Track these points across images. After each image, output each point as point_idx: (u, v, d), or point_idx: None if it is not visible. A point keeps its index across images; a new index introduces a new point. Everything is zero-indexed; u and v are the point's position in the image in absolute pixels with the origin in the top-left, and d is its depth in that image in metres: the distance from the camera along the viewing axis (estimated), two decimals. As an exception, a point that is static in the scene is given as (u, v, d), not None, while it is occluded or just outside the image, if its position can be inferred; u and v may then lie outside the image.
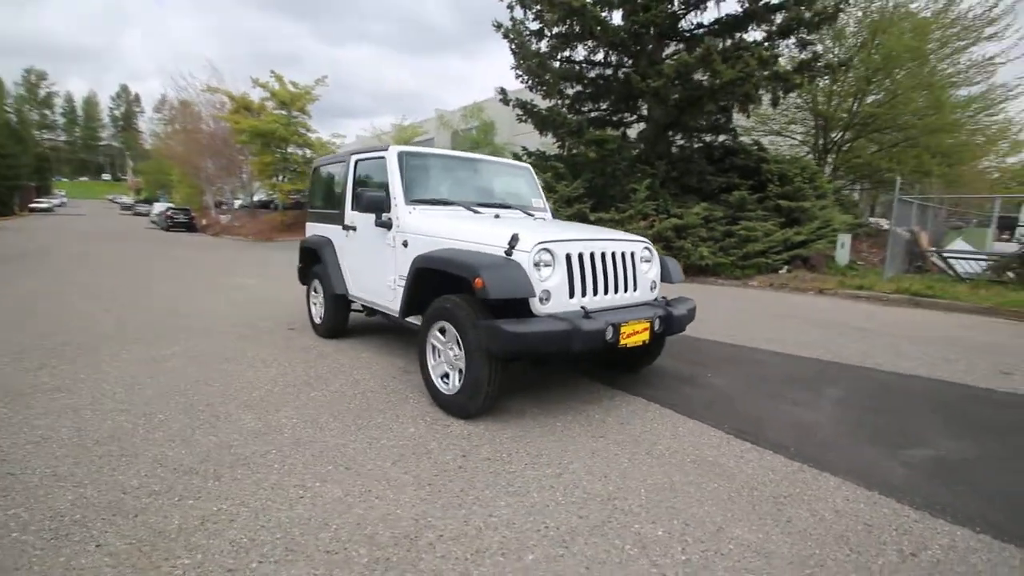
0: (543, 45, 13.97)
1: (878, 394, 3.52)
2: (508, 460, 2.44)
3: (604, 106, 14.79)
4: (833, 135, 16.09)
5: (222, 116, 23.09)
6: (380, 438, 2.65)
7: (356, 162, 4.22)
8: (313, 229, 4.95)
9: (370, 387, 3.43)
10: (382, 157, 3.85)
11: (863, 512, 2.07)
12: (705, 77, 11.71)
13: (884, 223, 15.71)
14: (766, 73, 11.23)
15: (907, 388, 3.68)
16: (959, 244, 11.66)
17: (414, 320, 3.48)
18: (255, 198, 27.20)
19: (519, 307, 2.78)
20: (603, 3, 12.59)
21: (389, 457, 2.44)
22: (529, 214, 4.13)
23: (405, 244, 3.51)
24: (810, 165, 13.04)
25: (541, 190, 4.58)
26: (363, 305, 4.39)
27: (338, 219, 4.41)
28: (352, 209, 4.21)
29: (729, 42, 12.26)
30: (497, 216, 3.67)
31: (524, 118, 15.01)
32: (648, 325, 3.00)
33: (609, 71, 14.31)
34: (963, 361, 4.46)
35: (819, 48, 12.21)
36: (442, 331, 3.01)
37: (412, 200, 3.62)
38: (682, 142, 13.91)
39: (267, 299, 6.87)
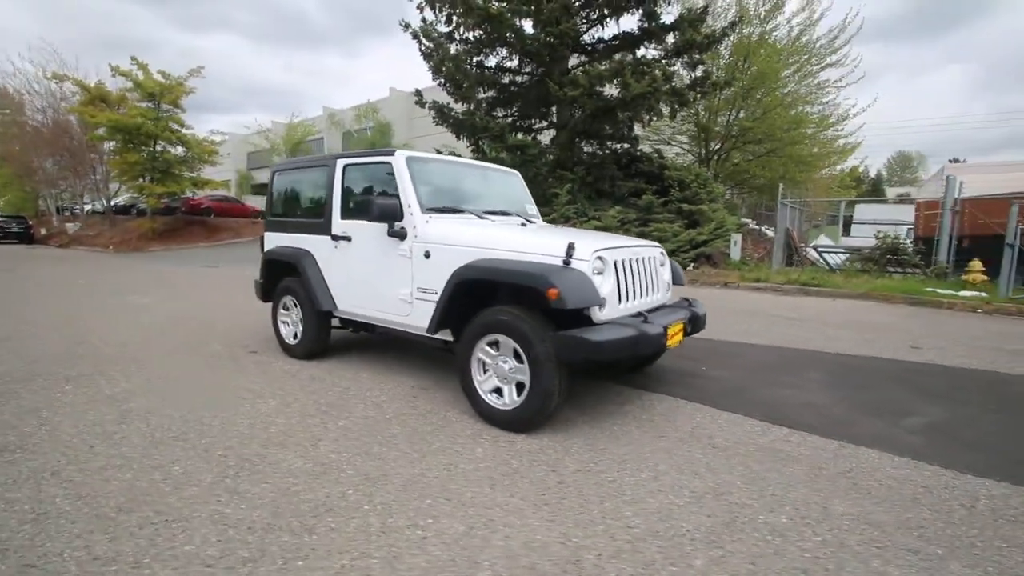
0: (453, 48, 13.91)
1: (846, 374, 4.08)
2: (599, 470, 2.44)
3: (516, 112, 15.13)
4: (713, 145, 18.08)
5: (73, 108, 19.54)
6: (454, 463, 2.50)
7: (344, 167, 3.89)
8: (279, 240, 4.46)
9: (399, 409, 3.19)
10: (386, 163, 3.60)
11: (913, 476, 2.41)
12: (616, 89, 12.54)
13: (751, 224, 18.10)
14: (666, 88, 12.28)
15: (863, 367, 4.31)
16: (823, 239, 13.82)
17: (440, 336, 3.33)
18: (113, 202, 23.41)
19: (571, 317, 2.79)
20: (515, 12, 12.87)
21: (481, 482, 2.32)
22: (530, 220, 4.13)
23: (427, 255, 3.32)
24: (703, 172, 14.51)
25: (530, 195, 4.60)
26: (351, 322, 4.07)
27: (321, 229, 4.03)
28: (342, 218, 3.87)
29: (630, 57, 13.14)
30: (524, 224, 3.63)
31: (439, 121, 14.83)
32: (683, 326, 3.18)
33: (522, 78, 14.70)
34: (880, 341, 5.32)
35: (709, 68, 13.64)
36: (492, 344, 2.92)
37: (427, 208, 3.44)
38: (591, 149, 14.69)
39: (185, 319, 6.01)
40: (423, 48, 14.41)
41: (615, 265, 2.94)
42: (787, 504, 2.15)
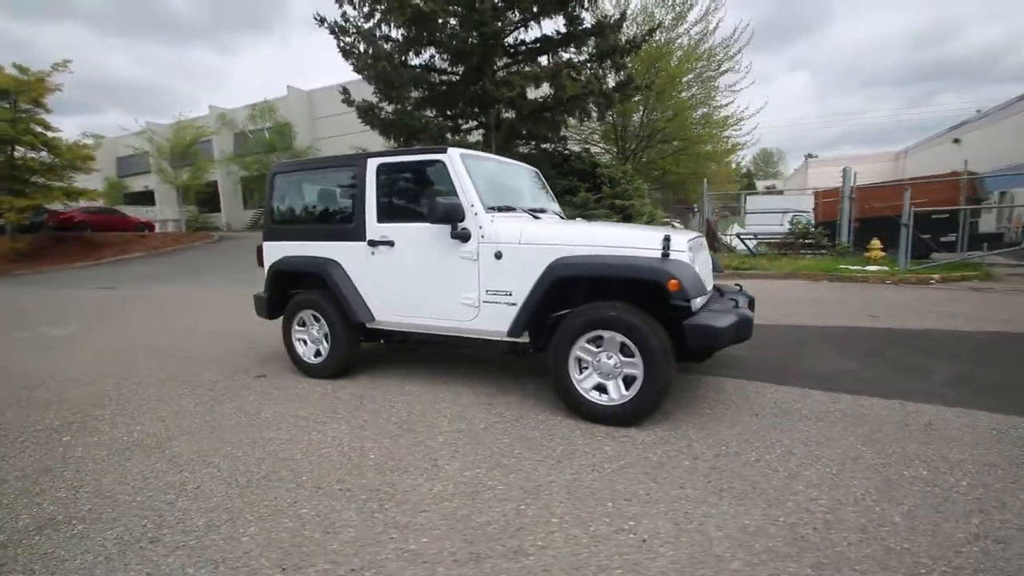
0: (383, 47, 13.38)
1: (847, 343, 4.58)
2: (735, 452, 2.52)
3: (447, 112, 14.89)
4: (630, 144, 19.20)
5: None
6: (596, 463, 2.44)
7: (379, 167, 3.60)
8: (286, 249, 4.01)
9: (487, 419, 3.04)
10: (437, 161, 3.39)
11: (973, 423, 2.78)
12: (546, 91, 12.85)
13: (663, 215, 19.55)
14: (598, 90, 12.81)
15: (853, 336, 4.85)
16: (736, 228, 15.30)
17: (512, 339, 3.22)
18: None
19: (663, 308, 2.85)
20: (445, 13, 12.67)
21: (640, 478, 2.29)
22: (560, 216, 4.13)
23: (498, 256, 3.19)
24: (628, 169, 15.35)
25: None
26: (383, 333, 3.80)
27: (350, 234, 3.69)
28: (379, 221, 3.59)
29: (565, 59, 13.50)
30: (578, 219, 3.61)
31: (366, 121, 14.19)
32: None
33: (452, 78, 14.49)
34: (837, 313, 6.02)
35: (631, 72, 14.43)
36: (594, 341, 2.88)
37: (488, 207, 3.31)
38: (526, 150, 14.89)
39: (144, 349, 5.21)
40: (343, 45, 13.72)
41: (695, 255, 3.05)
42: (913, 459, 2.39)
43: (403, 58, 13.69)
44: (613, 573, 1.68)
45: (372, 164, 3.61)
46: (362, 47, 13.47)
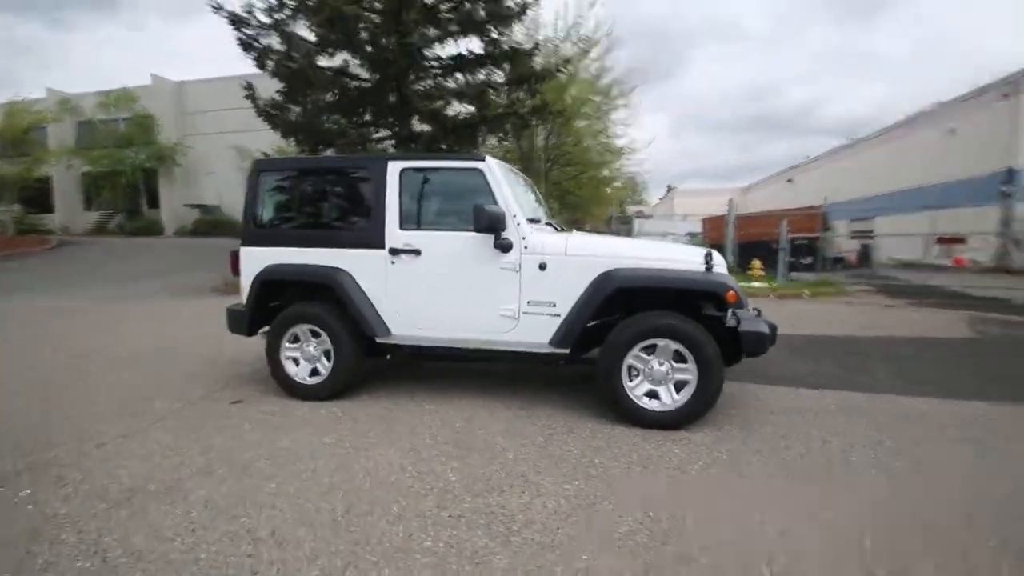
0: (292, 44, 12.46)
1: (791, 347, 5.25)
2: (784, 448, 2.79)
3: (358, 119, 14.25)
4: (536, 165, 20.03)
5: None
6: (682, 466, 2.54)
7: (402, 171, 3.38)
8: (276, 256, 3.55)
9: (542, 432, 2.97)
10: (473, 169, 3.29)
11: (933, 408, 3.40)
12: (473, 108, 12.99)
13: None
14: (522, 111, 13.24)
15: (792, 342, 5.57)
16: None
17: (552, 350, 3.22)
18: None
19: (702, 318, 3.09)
20: (367, 19, 12.21)
21: (729, 477, 2.44)
22: (556, 226, 4.22)
23: (542, 267, 3.18)
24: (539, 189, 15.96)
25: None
26: (392, 347, 3.55)
27: (364, 241, 3.40)
28: (402, 228, 3.36)
29: (494, 78, 13.70)
30: (560, 230, 3.68)
31: (268, 121, 13.03)
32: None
33: (364, 84, 13.91)
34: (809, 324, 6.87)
35: (546, 97, 15.12)
36: (647, 349, 3.00)
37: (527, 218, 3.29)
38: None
39: (43, 379, 4.22)
40: (243, 37, 12.54)
41: (718, 269, 3.34)
42: (987, 444, 2.84)
43: (315, 59, 12.88)
44: (785, 561, 1.77)
45: (394, 167, 3.38)
46: (272, 42, 12.42)
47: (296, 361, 3.57)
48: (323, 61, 13.48)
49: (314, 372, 3.55)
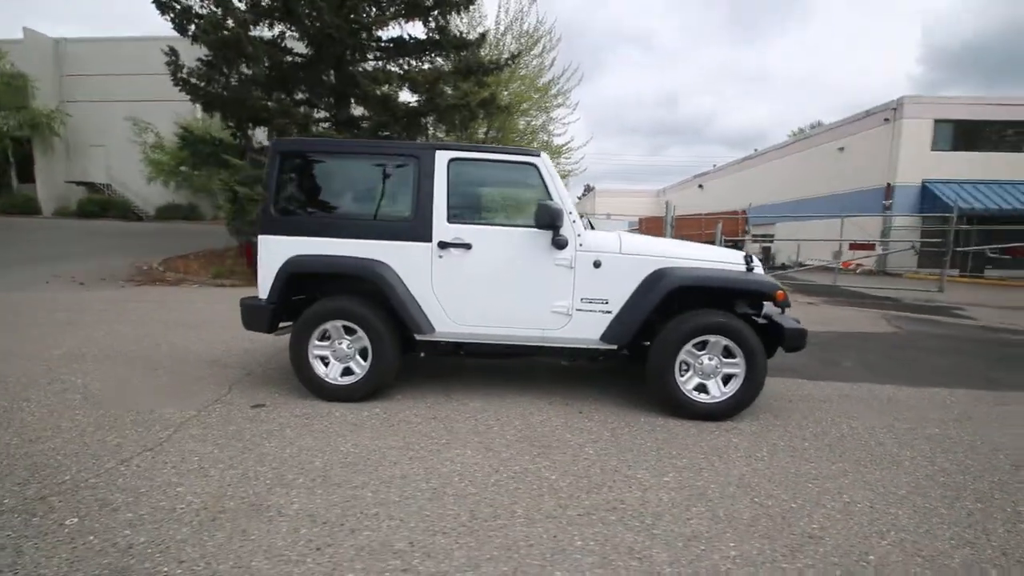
0: (227, 9, 11.30)
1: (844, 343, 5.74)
2: (823, 434, 3.09)
3: (288, 97, 13.25)
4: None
5: None
6: (751, 455, 2.72)
7: (451, 160, 3.26)
8: (302, 246, 3.26)
9: (607, 427, 3.03)
10: (526, 164, 3.25)
11: (910, 395, 3.93)
12: (422, 97, 12.61)
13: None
14: (473, 103, 13.08)
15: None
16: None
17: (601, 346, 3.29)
18: None
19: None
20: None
21: (796, 462, 2.66)
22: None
23: (597, 264, 3.23)
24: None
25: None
26: (429, 344, 3.43)
27: (408, 234, 3.23)
28: (451, 222, 3.24)
29: (449, 67, 13.33)
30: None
31: (189, 92, 11.76)
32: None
33: (298, 59, 12.94)
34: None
35: (495, 91, 15.03)
36: (698, 345, 3.16)
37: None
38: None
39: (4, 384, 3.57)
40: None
41: (747, 269, 3.60)
42: (922, 420, 3.29)
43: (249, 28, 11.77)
44: (893, 535, 1.99)
45: (443, 157, 3.25)
46: (193, 4, 11.19)
47: (324, 360, 3.32)
48: (255, 31, 12.41)
49: (346, 372, 3.32)
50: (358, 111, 14.11)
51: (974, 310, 9.22)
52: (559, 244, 3.19)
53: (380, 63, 13.56)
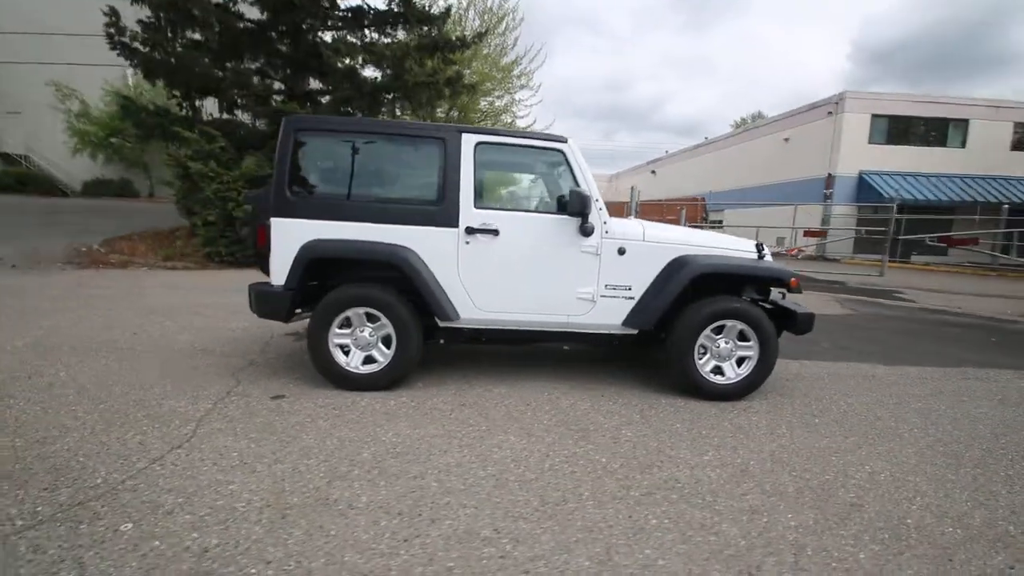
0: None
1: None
2: (826, 411, 3.33)
3: (241, 66, 12.41)
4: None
5: None
6: (775, 432, 2.90)
7: (478, 144, 3.20)
8: (319, 230, 3.12)
9: (636, 409, 3.13)
10: (553, 150, 3.25)
11: (884, 372, 4.30)
12: (387, 73, 12.16)
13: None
14: (441, 80, 12.74)
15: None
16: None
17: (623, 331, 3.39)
18: None
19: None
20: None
21: (814, 438, 2.87)
22: None
23: (621, 252, 3.29)
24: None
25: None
26: (450, 331, 3.40)
27: (434, 218, 3.16)
28: (477, 207, 3.20)
29: (414, 42, 12.83)
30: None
31: (129, 56, 10.79)
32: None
33: (248, 24, 12.08)
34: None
35: (460, 69, 14.69)
36: (718, 330, 3.31)
37: (597, 201, 3.36)
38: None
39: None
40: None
41: (753, 257, 3.79)
42: (905, 396, 3.62)
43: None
44: (920, 500, 2.21)
45: (469, 140, 3.19)
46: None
47: (344, 349, 3.22)
48: None
49: (368, 360, 3.24)
50: (315, 84, 13.47)
51: (910, 293, 10.10)
52: (586, 231, 3.22)
53: (341, 33, 12.92)
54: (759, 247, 3.50)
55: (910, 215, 16.55)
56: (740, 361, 3.37)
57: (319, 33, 12.77)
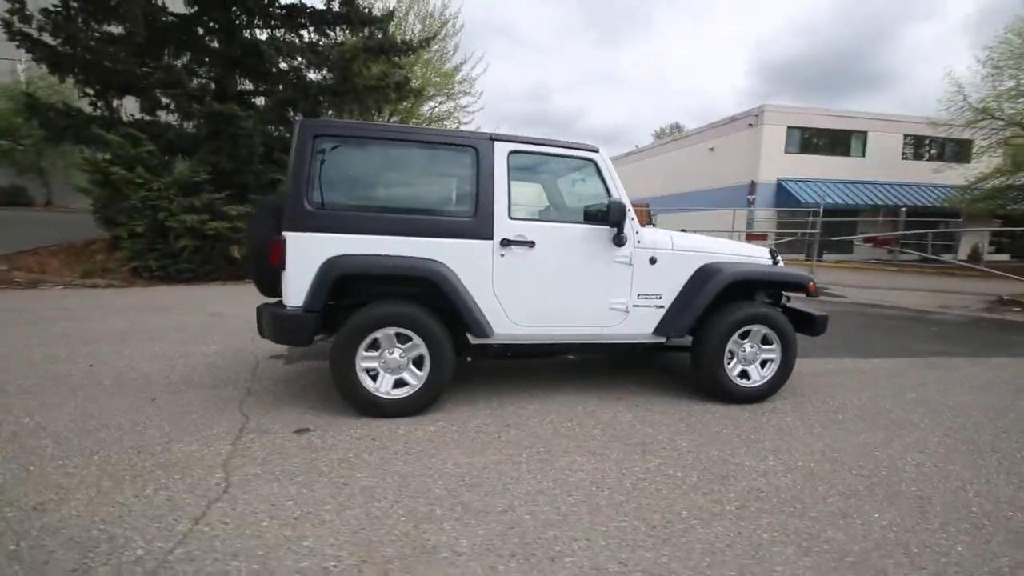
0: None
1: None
2: (839, 406, 3.52)
3: (162, 62, 11.32)
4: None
5: None
6: (810, 430, 3.01)
7: (511, 152, 3.07)
8: (343, 244, 2.86)
9: (681, 419, 3.13)
10: (585, 159, 3.19)
11: (864, 366, 4.64)
12: (331, 75, 11.60)
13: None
14: (391, 84, 12.31)
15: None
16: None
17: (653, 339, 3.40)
18: None
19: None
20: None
21: (847, 435, 3.00)
22: None
23: (652, 261, 3.29)
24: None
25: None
26: (477, 347, 3.26)
27: (467, 230, 3.00)
28: (513, 218, 3.07)
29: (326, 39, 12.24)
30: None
31: (31, 48, 9.55)
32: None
33: (171, 18, 11.04)
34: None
35: (406, 73, 14.26)
36: (743, 335, 3.39)
37: (629, 211, 3.36)
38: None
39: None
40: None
41: (760, 262, 3.94)
42: (898, 385, 3.91)
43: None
44: (971, 488, 2.36)
45: (503, 148, 3.05)
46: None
47: (371, 373, 2.97)
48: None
49: (398, 384, 3.01)
50: (248, 85, 12.59)
51: (838, 289, 11.05)
52: (620, 241, 3.20)
53: (279, 32, 12.17)
54: (773, 253, 3.64)
55: (824, 218, 18.18)
56: (763, 364, 3.47)
57: (255, 31, 11.99)
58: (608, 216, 3.03)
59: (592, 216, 3.13)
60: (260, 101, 12.54)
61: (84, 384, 3.46)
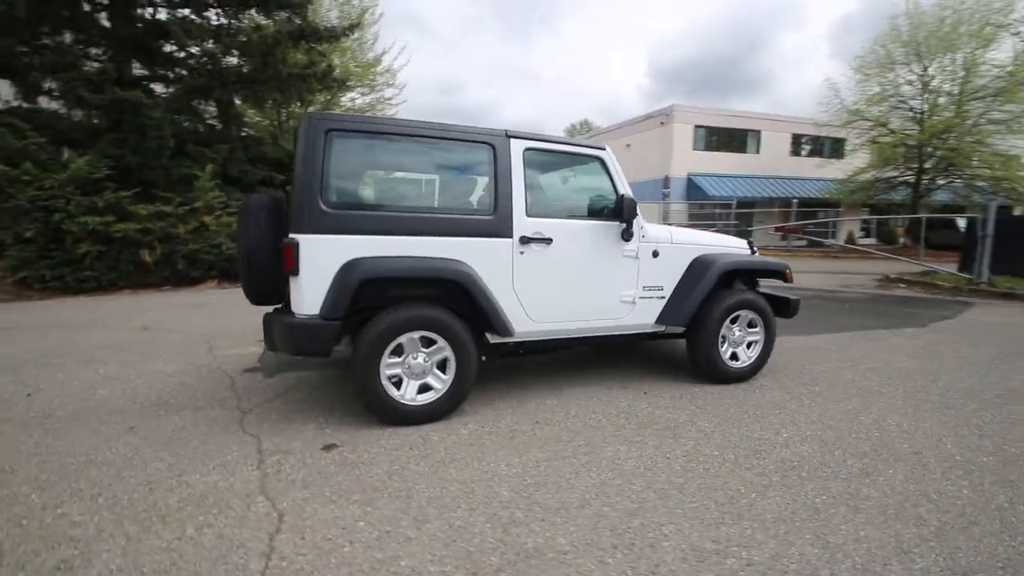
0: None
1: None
2: (827, 383, 3.92)
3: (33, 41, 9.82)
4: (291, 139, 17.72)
5: None
6: (801, 402, 3.33)
7: (527, 150, 3.06)
8: (361, 247, 2.70)
9: (700, 405, 3.31)
10: (593, 156, 3.26)
11: (871, 334, 5.20)
12: (256, 62, 10.69)
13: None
14: (312, 73, 11.57)
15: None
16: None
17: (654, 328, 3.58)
18: None
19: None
20: None
21: (840, 413, 3.37)
22: None
23: (655, 254, 3.45)
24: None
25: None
26: (493, 346, 3.26)
27: (486, 229, 2.95)
28: (531, 215, 3.07)
29: (271, 27, 11.37)
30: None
31: None
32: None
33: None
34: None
35: (331, 63, 13.45)
36: (734, 320, 3.66)
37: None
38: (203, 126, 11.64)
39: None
40: None
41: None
42: (862, 357, 4.43)
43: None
44: (988, 446, 2.76)
45: (518, 145, 3.03)
46: None
47: (394, 379, 2.84)
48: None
49: (423, 389, 2.91)
50: (141, 70, 11.26)
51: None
52: (628, 236, 3.31)
53: (181, 12, 10.98)
54: (750, 244, 3.96)
55: (732, 209, 19.91)
56: (749, 345, 3.78)
57: (150, 8, 10.73)
58: (621, 212, 3.13)
59: (602, 212, 3.21)
60: (160, 89, 11.28)
61: (33, 417, 2.97)
